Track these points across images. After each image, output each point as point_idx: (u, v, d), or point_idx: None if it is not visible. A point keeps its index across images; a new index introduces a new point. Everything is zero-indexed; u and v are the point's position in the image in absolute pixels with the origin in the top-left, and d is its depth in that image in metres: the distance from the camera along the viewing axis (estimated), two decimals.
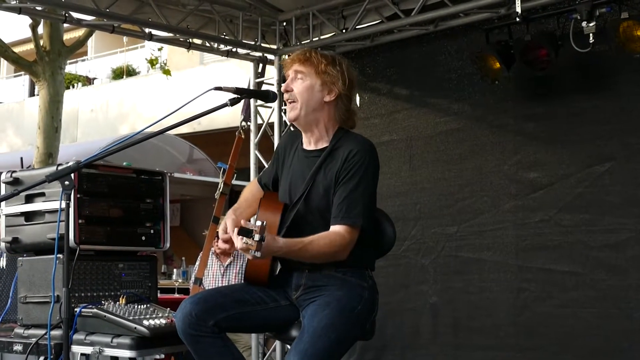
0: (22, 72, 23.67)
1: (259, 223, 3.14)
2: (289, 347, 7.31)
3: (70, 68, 24.08)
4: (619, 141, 5.97)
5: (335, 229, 3.53)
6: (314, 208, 3.63)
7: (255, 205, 3.88)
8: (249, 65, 8.12)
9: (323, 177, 3.64)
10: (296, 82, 3.71)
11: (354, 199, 3.55)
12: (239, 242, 3.19)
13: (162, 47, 13.99)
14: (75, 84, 23.48)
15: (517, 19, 5.95)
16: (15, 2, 6.70)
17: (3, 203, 4.77)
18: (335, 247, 3.50)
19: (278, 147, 4.03)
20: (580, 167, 6.13)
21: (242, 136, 7.29)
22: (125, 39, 22.77)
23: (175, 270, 11.13)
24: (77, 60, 25.96)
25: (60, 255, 4.12)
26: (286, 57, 7.81)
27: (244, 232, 3.13)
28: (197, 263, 8.04)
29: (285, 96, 3.74)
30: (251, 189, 4.07)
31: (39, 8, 6.98)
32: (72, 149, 15.42)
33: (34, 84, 23.96)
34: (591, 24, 5.65)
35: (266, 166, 7.69)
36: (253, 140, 7.95)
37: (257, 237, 3.12)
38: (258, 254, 3.16)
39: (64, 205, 3.71)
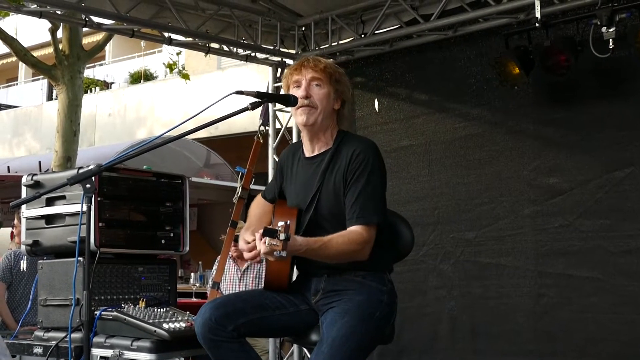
0: (40, 76, 23.86)
1: (281, 223, 3.13)
2: (306, 351, 7.33)
3: (88, 72, 24.16)
4: (639, 147, 5.94)
5: (353, 228, 3.53)
6: (326, 212, 3.64)
7: (265, 219, 3.90)
8: (267, 70, 8.14)
9: (331, 180, 3.66)
10: (313, 89, 3.72)
11: (366, 197, 3.56)
12: (262, 246, 3.17)
13: (180, 52, 14.01)
14: (93, 88, 23.58)
15: (537, 25, 5.94)
16: (35, 6, 6.73)
17: (24, 206, 4.80)
18: (354, 245, 3.49)
19: (280, 161, 4.05)
20: (600, 172, 6.10)
21: (261, 140, 7.28)
22: (143, 43, 22.89)
23: (192, 274, 11.14)
24: (95, 64, 26.07)
25: (80, 259, 4.14)
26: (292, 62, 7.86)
27: (269, 232, 3.12)
28: (215, 267, 8.05)
29: (304, 102, 3.73)
30: (258, 205, 4.08)
31: (59, 12, 7.01)
32: (90, 153, 15.47)
33: (52, 87, 24.12)
34: (611, 30, 5.63)
35: None
36: (271, 144, 7.97)
37: (282, 236, 3.10)
38: (284, 254, 3.13)
39: (85, 208, 3.72)
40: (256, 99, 3.71)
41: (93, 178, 3.70)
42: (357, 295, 3.57)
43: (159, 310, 4.44)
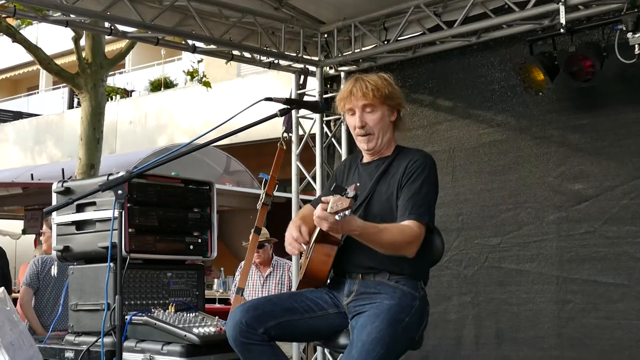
0: (61, 85, 24.00)
1: (352, 186, 3.22)
2: (329, 357, 7.35)
3: (109, 80, 24.33)
4: None
5: (405, 222, 3.60)
6: (376, 215, 3.69)
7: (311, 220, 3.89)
8: (287, 77, 8.15)
9: (385, 184, 3.75)
10: (367, 116, 3.82)
11: (419, 198, 3.65)
12: (331, 202, 3.18)
13: (201, 60, 14.06)
14: (114, 96, 23.71)
15: (562, 30, 5.93)
16: (59, 14, 6.78)
17: (54, 212, 4.85)
18: (407, 237, 3.56)
19: (336, 171, 4.16)
20: (625, 178, 6.08)
21: (284, 147, 7.31)
22: (163, 51, 23.00)
23: (215, 280, 11.19)
24: (115, 72, 26.22)
25: (111, 264, 4.18)
26: (337, 95, 7.84)
27: (339, 189, 3.22)
28: (237, 273, 8.08)
29: (361, 132, 3.83)
30: (306, 210, 4.07)
31: (85, 21, 7.06)
32: (111, 160, 15.56)
33: (74, 95, 24.29)
34: (637, 35, 5.61)
35: (307, 177, 7.76)
36: (295, 151, 7.98)
37: (351, 193, 3.18)
38: (348, 212, 3.17)
39: (117, 214, 3.76)
40: (285, 106, 3.75)
41: (124, 184, 3.74)
42: (388, 299, 3.60)
43: (188, 315, 4.49)
